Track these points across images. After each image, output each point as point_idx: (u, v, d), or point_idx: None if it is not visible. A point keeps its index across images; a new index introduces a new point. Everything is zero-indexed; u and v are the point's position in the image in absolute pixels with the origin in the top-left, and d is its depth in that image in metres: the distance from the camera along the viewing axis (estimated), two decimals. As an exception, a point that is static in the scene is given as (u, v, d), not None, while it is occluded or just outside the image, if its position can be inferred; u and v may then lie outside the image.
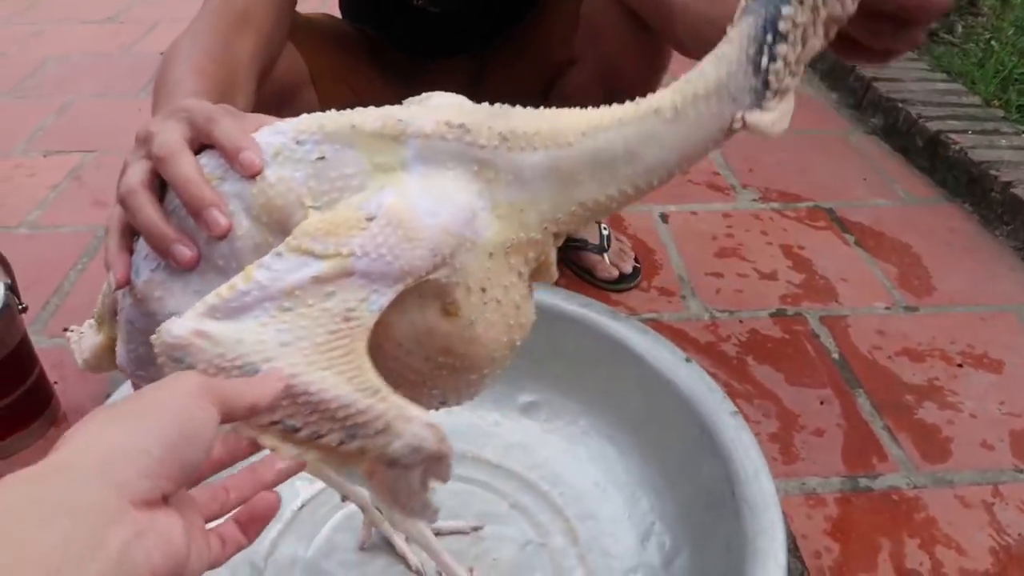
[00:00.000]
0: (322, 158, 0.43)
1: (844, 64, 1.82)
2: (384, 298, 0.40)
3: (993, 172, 1.36)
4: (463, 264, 0.43)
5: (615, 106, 0.44)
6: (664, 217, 1.36)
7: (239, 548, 0.39)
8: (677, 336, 1.08)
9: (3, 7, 2.41)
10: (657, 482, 0.83)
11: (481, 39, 1.08)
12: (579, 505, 0.84)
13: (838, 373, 1.04)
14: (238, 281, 0.40)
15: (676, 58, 0.92)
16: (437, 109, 0.46)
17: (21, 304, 0.92)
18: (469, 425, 0.92)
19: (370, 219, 0.40)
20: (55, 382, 0.98)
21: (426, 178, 0.43)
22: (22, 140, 1.61)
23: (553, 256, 0.49)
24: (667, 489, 0.82)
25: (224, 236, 0.43)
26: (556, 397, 0.92)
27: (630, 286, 1.18)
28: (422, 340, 0.44)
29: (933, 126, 1.51)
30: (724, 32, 0.47)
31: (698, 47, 0.75)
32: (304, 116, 0.45)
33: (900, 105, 1.62)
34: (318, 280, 0.39)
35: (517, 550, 0.80)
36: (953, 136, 1.47)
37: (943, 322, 1.13)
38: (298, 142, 0.44)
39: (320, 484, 0.84)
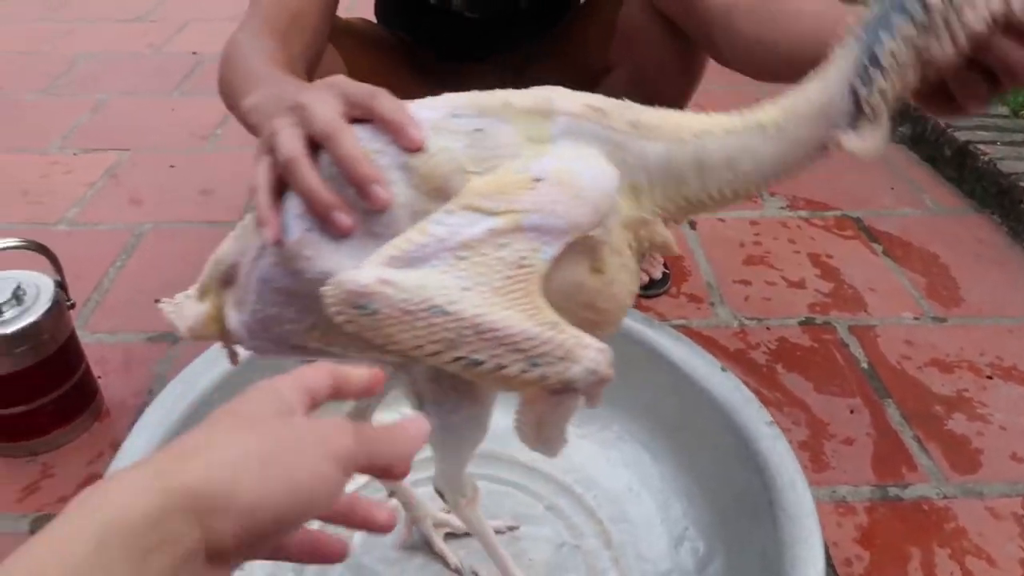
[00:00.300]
0: (479, 130, 0.47)
1: (871, 72, 1.82)
2: (553, 249, 0.44)
3: (1022, 184, 1.36)
4: (610, 227, 0.48)
5: (725, 115, 0.49)
6: (692, 223, 1.37)
7: None
8: (706, 343, 1.09)
9: (34, 5, 2.45)
10: (691, 488, 0.85)
11: (516, 43, 1.10)
12: (612, 508, 0.86)
13: (867, 382, 1.04)
14: (414, 234, 0.44)
15: (711, 66, 0.93)
16: (576, 93, 0.50)
17: (69, 300, 0.94)
18: (505, 428, 0.93)
19: (537, 180, 0.45)
20: (98, 377, 1.01)
21: (575, 149, 0.47)
22: (57, 137, 1.64)
23: (670, 235, 0.53)
24: (700, 496, 0.83)
25: (385, 209, 0.46)
26: None
27: (659, 292, 1.19)
28: (571, 294, 0.48)
29: (962, 136, 1.52)
30: (774, 52, 0.49)
31: (745, 65, 0.76)
32: (453, 95, 0.49)
33: (928, 115, 1.62)
34: (493, 233, 0.44)
35: (552, 551, 0.82)
36: (982, 147, 1.47)
37: (972, 333, 1.14)
38: (454, 116, 0.48)
39: (362, 481, 0.86)
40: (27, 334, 0.86)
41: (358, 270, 0.43)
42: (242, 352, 0.60)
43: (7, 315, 0.86)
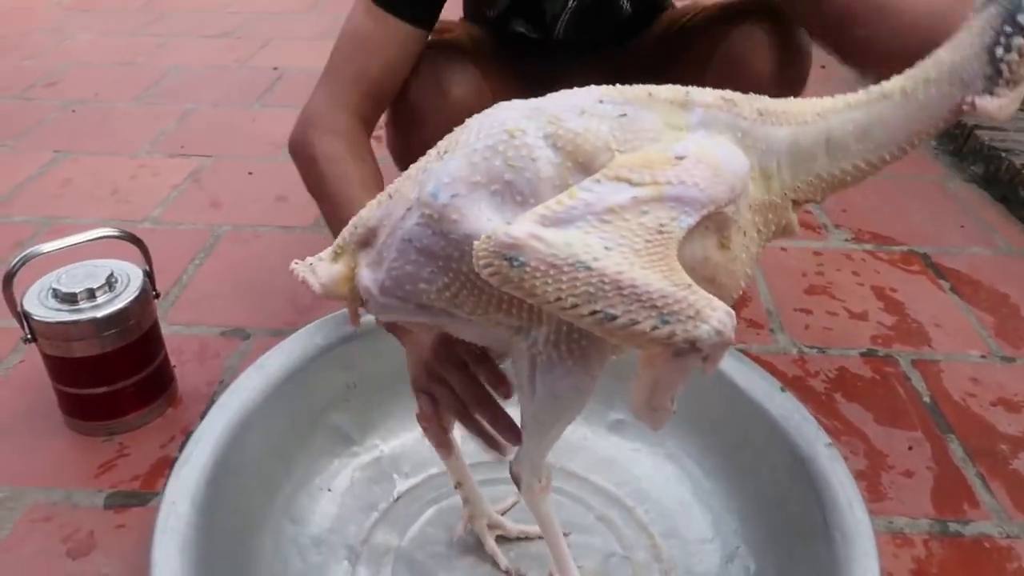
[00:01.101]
0: (624, 115, 0.52)
1: (944, 110, 1.80)
2: (691, 219, 0.48)
3: (1100, 227, 1.32)
4: (740, 207, 0.51)
5: (847, 94, 0.53)
6: (754, 251, 1.37)
7: None
8: (765, 368, 1.09)
9: (132, 20, 2.59)
10: (744, 507, 0.85)
11: (611, 54, 1.10)
12: (664, 523, 0.86)
13: (929, 417, 1.03)
14: (564, 198, 0.48)
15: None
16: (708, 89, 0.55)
17: (156, 291, 1.00)
18: (562, 441, 0.94)
19: (680, 158, 0.49)
20: (174, 365, 1.06)
21: (710, 137, 0.52)
22: (146, 142, 1.74)
23: (795, 219, 0.56)
24: (754, 515, 0.83)
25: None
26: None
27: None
28: (696, 267, 0.51)
29: (1037, 177, 1.49)
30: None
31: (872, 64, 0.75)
32: (600, 86, 0.54)
33: (1003, 155, 1.59)
34: (637, 201, 0.48)
35: (601, 560, 0.82)
36: (1058, 188, 1.44)
37: (1041, 375, 1.11)
38: (601, 102, 0.53)
39: (419, 478, 0.89)
40: (116, 318, 0.92)
41: (510, 225, 0.47)
42: (364, 316, 0.64)
43: (99, 299, 0.92)
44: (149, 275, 0.98)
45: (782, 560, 0.77)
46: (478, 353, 0.68)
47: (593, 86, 0.54)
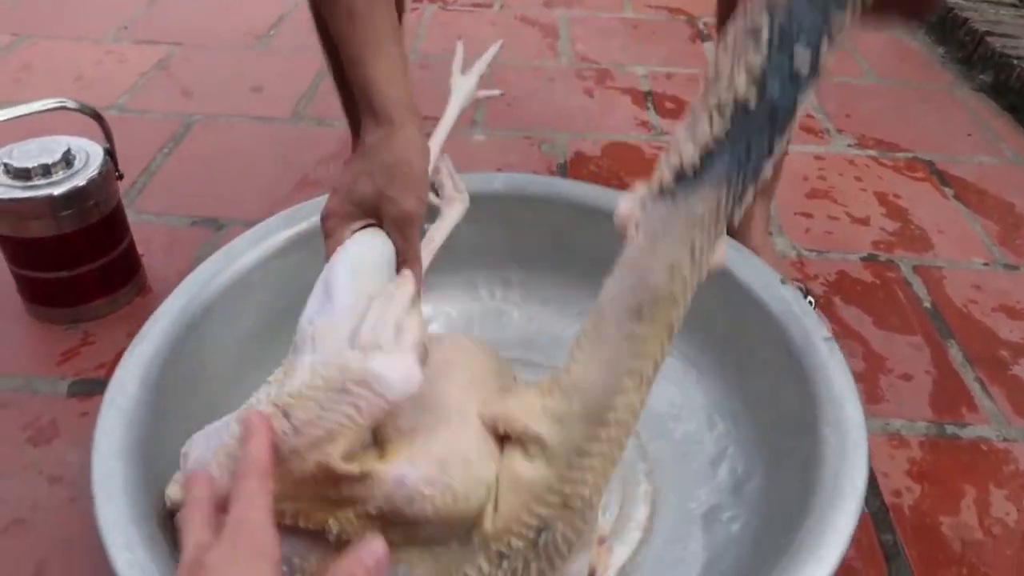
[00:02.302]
0: None
1: (955, 16, 1.72)
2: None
3: (1113, 136, 1.27)
4: None
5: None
6: (754, 154, 1.31)
7: None
8: (762, 270, 1.05)
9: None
10: (736, 407, 0.81)
11: None
12: (652, 425, 0.82)
13: (930, 322, 0.99)
14: None
15: None
16: None
17: (118, 171, 0.93)
18: (551, 337, 0.90)
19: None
20: (142, 255, 1.00)
21: None
22: (113, 28, 1.63)
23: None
24: (745, 414, 0.79)
25: None
26: None
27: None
28: None
29: (1050, 85, 1.43)
30: None
31: None
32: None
33: (1015, 62, 1.52)
34: None
35: None
36: (1072, 96, 1.38)
37: (1045, 283, 1.08)
38: None
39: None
40: (74, 197, 0.85)
41: None
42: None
43: (56, 177, 0.85)
44: (111, 153, 0.91)
45: (769, 457, 0.73)
46: None
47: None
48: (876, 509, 0.77)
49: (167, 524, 0.58)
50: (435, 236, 0.72)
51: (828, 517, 0.57)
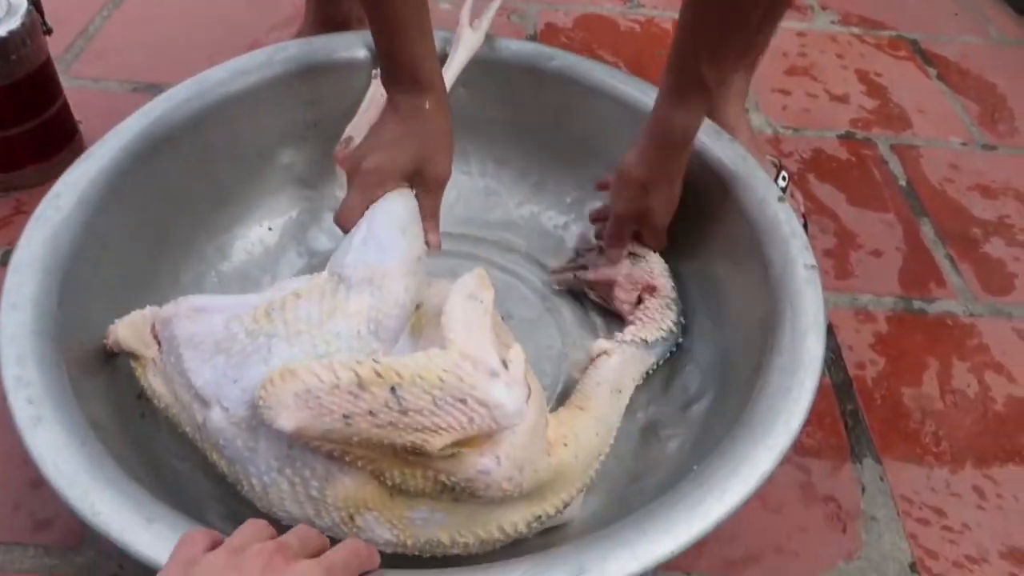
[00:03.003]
0: None
1: None
2: None
3: (1103, 14, 1.23)
4: None
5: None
6: (733, 29, 1.25)
7: None
8: (736, 146, 1.01)
9: None
10: (705, 327, 0.74)
11: None
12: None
13: (904, 200, 0.97)
14: None
15: None
16: None
17: (45, 25, 0.85)
18: (536, 226, 0.86)
19: None
20: (79, 122, 0.93)
21: None
22: None
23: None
24: (713, 336, 0.72)
25: None
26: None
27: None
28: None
29: (1043, -39, 1.36)
30: None
31: None
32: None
33: (1008, -62, 1.45)
34: None
35: (538, 352, 0.74)
36: (1064, -27, 1.32)
37: (1022, 164, 1.05)
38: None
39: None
40: (-5, 50, 0.78)
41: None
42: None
43: (-28, 26, 0.78)
44: (36, 4, 0.83)
45: (721, 385, 0.68)
46: None
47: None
48: (840, 380, 0.77)
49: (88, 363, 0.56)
50: (446, 74, 0.73)
51: (751, 453, 0.52)
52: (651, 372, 0.70)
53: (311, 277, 0.60)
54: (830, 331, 0.80)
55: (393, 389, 0.46)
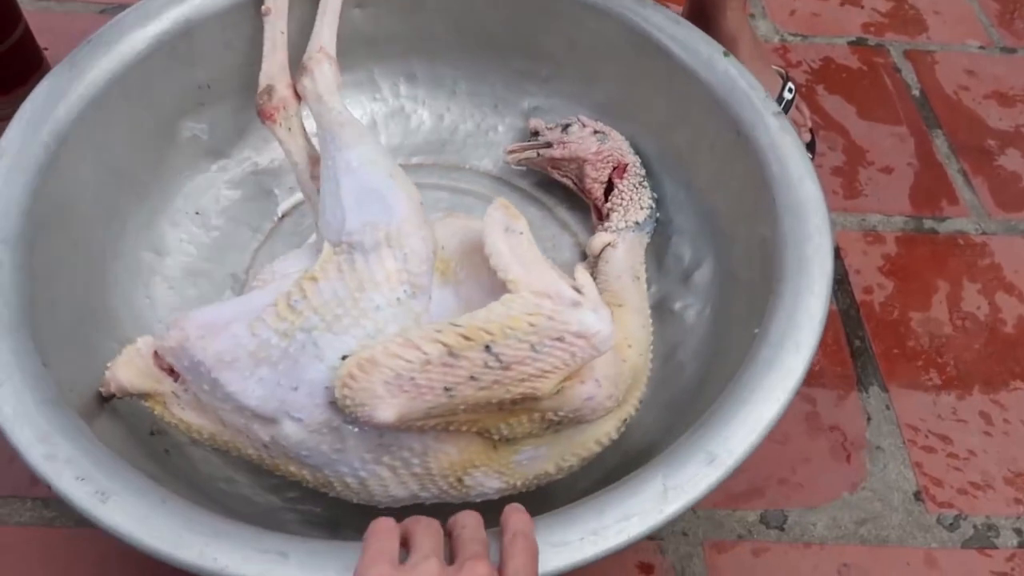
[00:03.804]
0: None
1: None
2: None
3: None
4: None
5: None
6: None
7: None
8: (741, 57, 0.95)
9: None
10: (678, 195, 0.72)
11: None
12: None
13: (917, 111, 0.93)
14: None
15: None
16: None
17: (-5, -58, 0.78)
18: (466, 135, 0.81)
19: None
20: (45, 48, 0.88)
21: None
22: None
23: None
24: (688, 202, 0.71)
25: None
26: (562, 103, 0.78)
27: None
28: None
29: None
30: None
31: None
32: None
33: None
34: None
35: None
36: None
37: (1042, 68, 1.00)
38: None
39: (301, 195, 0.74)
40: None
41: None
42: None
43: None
44: (-17, -80, 0.77)
45: (720, 246, 0.67)
46: None
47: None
48: (846, 307, 0.75)
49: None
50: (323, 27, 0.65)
51: (801, 303, 0.53)
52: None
53: (299, 253, 0.57)
54: (837, 255, 0.78)
55: (488, 348, 0.44)
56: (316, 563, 0.43)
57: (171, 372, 0.52)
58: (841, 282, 0.76)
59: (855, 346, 0.72)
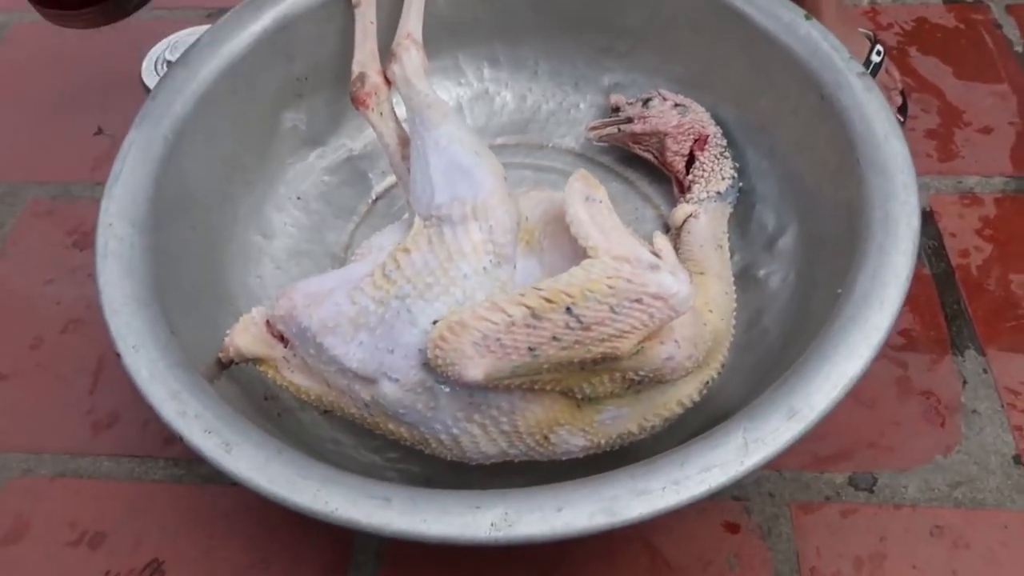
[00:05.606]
0: None
1: None
2: None
3: None
4: None
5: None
6: None
7: None
8: (828, 22, 0.93)
9: None
10: (761, 164, 0.72)
11: None
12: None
13: (1020, 68, 0.89)
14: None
15: None
16: None
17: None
18: (549, 114, 0.83)
19: None
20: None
21: None
22: None
23: None
24: (772, 169, 0.71)
25: None
26: (642, 77, 0.79)
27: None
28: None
29: None
30: None
31: None
32: None
33: None
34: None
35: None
36: None
37: None
38: None
39: (393, 178, 0.79)
40: None
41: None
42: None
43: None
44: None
45: (804, 210, 0.67)
46: None
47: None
48: (940, 271, 0.73)
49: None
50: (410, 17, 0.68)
51: (886, 260, 0.53)
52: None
53: (394, 227, 0.61)
54: (931, 219, 0.76)
55: (568, 309, 0.46)
56: (416, 508, 0.46)
57: (282, 339, 0.57)
58: (936, 246, 0.74)
59: (950, 310, 0.70)
